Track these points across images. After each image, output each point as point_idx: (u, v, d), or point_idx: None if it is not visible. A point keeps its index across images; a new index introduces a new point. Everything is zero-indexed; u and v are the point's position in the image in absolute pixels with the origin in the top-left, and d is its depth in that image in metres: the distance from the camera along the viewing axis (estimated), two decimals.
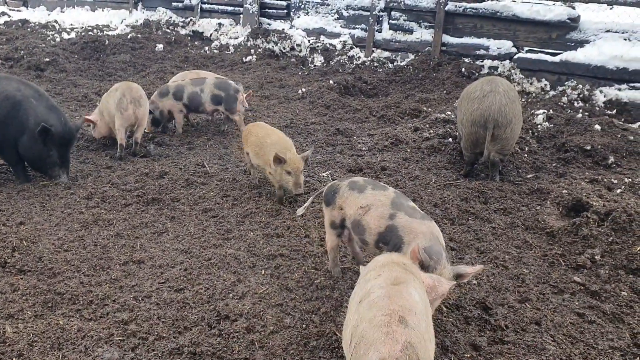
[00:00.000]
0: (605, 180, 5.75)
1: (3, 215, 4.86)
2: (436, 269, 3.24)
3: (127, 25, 13.27)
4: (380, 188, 3.77)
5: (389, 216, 3.58)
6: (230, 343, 3.34)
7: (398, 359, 2.17)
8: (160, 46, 11.70)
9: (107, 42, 11.54)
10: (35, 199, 5.25)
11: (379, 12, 10.97)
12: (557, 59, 8.85)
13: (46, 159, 5.49)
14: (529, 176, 6.11)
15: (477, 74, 9.23)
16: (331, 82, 9.41)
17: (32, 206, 5.08)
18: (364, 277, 2.76)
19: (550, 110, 7.75)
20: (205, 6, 13.28)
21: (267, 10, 12.57)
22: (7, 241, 4.36)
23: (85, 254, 4.33)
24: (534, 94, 8.68)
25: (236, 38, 12.32)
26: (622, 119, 7.63)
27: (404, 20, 10.82)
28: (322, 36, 11.73)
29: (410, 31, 10.75)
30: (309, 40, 11.65)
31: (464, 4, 9.95)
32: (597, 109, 7.92)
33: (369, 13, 11.11)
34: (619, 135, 6.91)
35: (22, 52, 10.53)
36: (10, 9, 15.25)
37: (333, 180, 5.79)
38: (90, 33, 12.55)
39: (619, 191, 5.45)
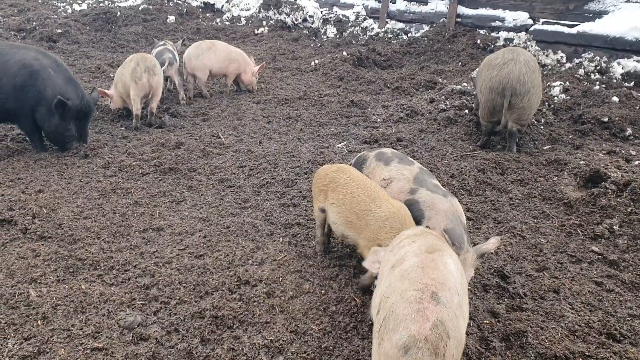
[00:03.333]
0: (624, 152, 5.70)
1: (22, 183, 4.89)
2: (459, 254, 3.20)
3: None
4: (406, 162, 3.76)
5: (409, 191, 3.57)
6: (251, 307, 3.37)
7: (427, 337, 2.12)
8: (171, 18, 11.63)
9: (118, 13, 11.47)
10: (52, 167, 5.27)
11: None
12: (574, 30, 8.72)
13: (65, 132, 5.51)
14: (545, 148, 6.07)
15: (492, 46, 9.13)
16: (344, 53, 9.34)
17: (50, 175, 5.11)
18: (397, 244, 2.69)
19: (567, 83, 7.65)
20: None
21: None
22: (27, 208, 4.40)
23: (104, 221, 4.37)
24: (549, 66, 8.58)
25: (248, 10, 12.24)
26: None
27: None
28: (335, 7, 11.62)
29: (424, 2, 10.63)
30: (321, 12, 11.55)
31: None
32: (615, 81, 7.82)
33: None
34: (637, 107, 6.83)
35: (34, 23, 10.50)
36: None
37: (348, 151, 5.80)
38: (101, 4, 12.48)
39: (637, 162, 5.41)
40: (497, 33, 9.52)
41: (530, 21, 9.36)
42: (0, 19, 10.96)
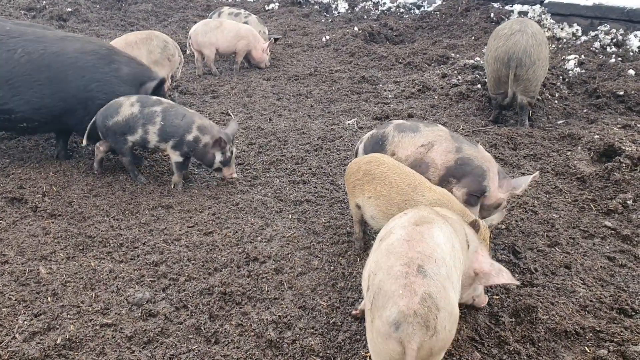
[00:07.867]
0: (639, 125, 5.60)
1: (32, 161, 4.90)
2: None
3: None
4: (432, 124, 3.76)
5: (455, 150, 3.59)
6: (260, 283, 3.37)
7: (416, 311, 2.10)
8: None
9: None
10: None
11: None
12: (589, 2, 8.53)
13: None
14: (559, 122, 5.97)
15: (506, 20, 8.96)
16: (356, 29, 9.23)
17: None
18: (393, 219, 2.68)
19: (582, 56, 7.51)
20: None
21: None
22: (38, 186, 4.42)
23: (114, 199, 4.38)
24: (564, 40, 8.41)
25: None
26: None
27: None
28: None
29: None
30: None
31: None
32: (631, 54, 7.66)
33: None
34: None
35: (44, 2, 10.48)
36: None
37: (359, 127, 5.74)
38: None
39: None
40: (511, 6, 9.34)
41: None
42: None
